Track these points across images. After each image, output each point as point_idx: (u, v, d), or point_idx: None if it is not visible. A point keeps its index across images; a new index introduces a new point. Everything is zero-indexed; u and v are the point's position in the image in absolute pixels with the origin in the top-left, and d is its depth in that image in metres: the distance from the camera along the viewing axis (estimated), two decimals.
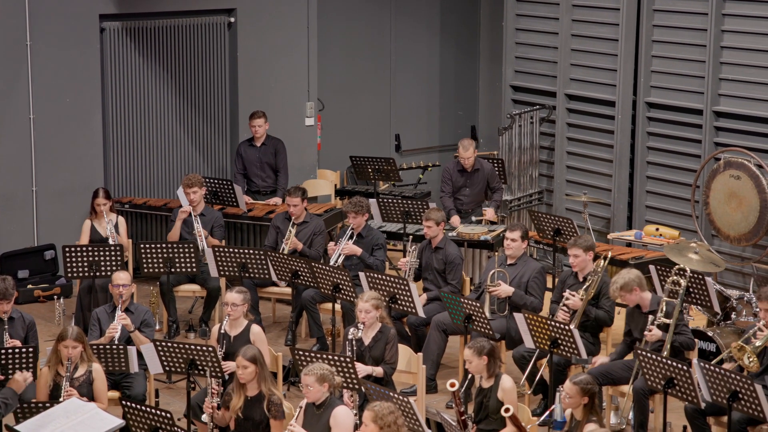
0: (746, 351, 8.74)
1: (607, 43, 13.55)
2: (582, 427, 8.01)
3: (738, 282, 12.54)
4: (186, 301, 12.49)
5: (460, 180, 13.08)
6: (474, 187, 13.06)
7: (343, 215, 12.57)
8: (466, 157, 12.92)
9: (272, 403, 8.50)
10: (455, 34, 15.96)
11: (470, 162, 12.95)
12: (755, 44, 12.32)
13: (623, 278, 9.50)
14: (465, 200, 13.09)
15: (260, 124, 13.32)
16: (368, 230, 11.47)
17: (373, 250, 11.39)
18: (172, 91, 13.76)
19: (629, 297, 9.49)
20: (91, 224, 11.87)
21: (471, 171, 13.03)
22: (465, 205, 13.07)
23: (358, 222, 11.37)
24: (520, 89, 14.59)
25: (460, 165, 13.04)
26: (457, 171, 13.09)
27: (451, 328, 10.46)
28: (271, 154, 13.42)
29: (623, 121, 13.44)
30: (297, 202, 11.67)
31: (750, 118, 12.42)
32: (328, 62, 14.91)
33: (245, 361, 8.52)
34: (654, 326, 9.32)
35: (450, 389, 8.44)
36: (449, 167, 13.19)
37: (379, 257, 11.38)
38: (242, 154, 13.45)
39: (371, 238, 11.43)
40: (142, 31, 13.45)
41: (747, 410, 8.25)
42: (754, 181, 12.03)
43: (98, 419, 8.11)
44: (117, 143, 13.49)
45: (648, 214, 13.42)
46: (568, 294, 10.03)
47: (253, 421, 8.56)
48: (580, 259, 10.15)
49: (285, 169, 13.47)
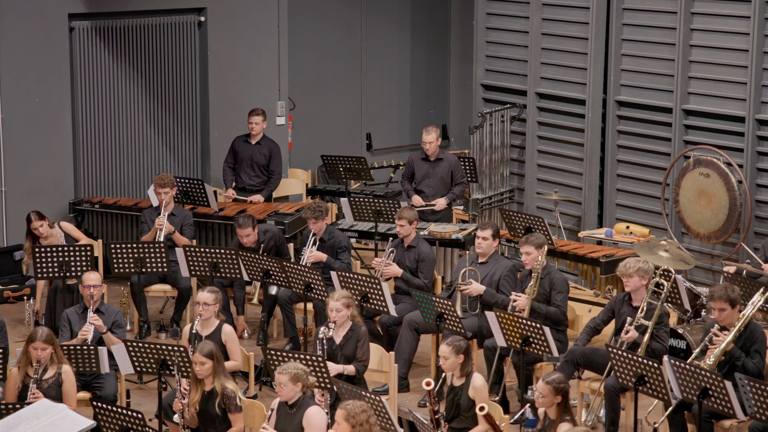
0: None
1: (577, 42, 13.60)
2: (556, 427, 8.03)
3: (708, 279, 12.61)
4: (157, 301, 12.45)
5: (422, 168, 13.05)
6: (436, 177, 13.01)
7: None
8: (428, 142, 12.87)
9: (226, 396, 8.58)
10: (426, 33, 15.97)
11: (433, 148, 12.90)
12: (724, 43, 12.39)
13: (643, 263, 9.49)
14: (428, 191, 13.03)
15: (258, 122, 13.29)
16: (330, 233, 11.42)
17: (338, 253, 11.35)
18: (142, 91, 13.71)
19: (632, 281, 9.47)
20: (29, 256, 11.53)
21: (434, 160, 13.00)
22: (428, 198, 13.02)
23: (319, 227, 11.31)
24: (491, 88, 14.62)
25: (423, 154, 13.03)
26: (420, 159, 13.08)
27: (423, 327, 10.47)
28: (264, 155, 13.38)
29: (593, 119, 13.49)
30: (249, 233, 11.52)
31: (719, 117, 12.49)
32: (299, 61, 14.90)
33: (202, 357, 8.60)
34: (632, 327, 9.33)
35: (426, 388, 8.45)
36: (412, 156, 13.20)
37: (344, 260, 11.36)
38: (235, 149, 13.42)
39: (334, 241, 11.39)
40: (112, 30, 13.40)
41: (717, 406, 8.30)
42: (724, 179, 12.10)
43: (69, 420, 8.07)
44: (87, 143, 13.43)
45: (618, 212, 13.48)
46: (514, 296, 10.07)
47: (210, 415, 8.63)
48: (532, 256, 10.17)
49: (278, 173, 13.44)
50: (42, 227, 11.54)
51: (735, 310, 8.88)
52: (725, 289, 8.90)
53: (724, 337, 8.79)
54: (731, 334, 8.78)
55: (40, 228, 11.53)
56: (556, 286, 10.11)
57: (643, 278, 9.50)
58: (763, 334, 8.96)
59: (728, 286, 8.98)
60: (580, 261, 11.72)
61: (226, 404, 8.58)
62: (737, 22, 12.24)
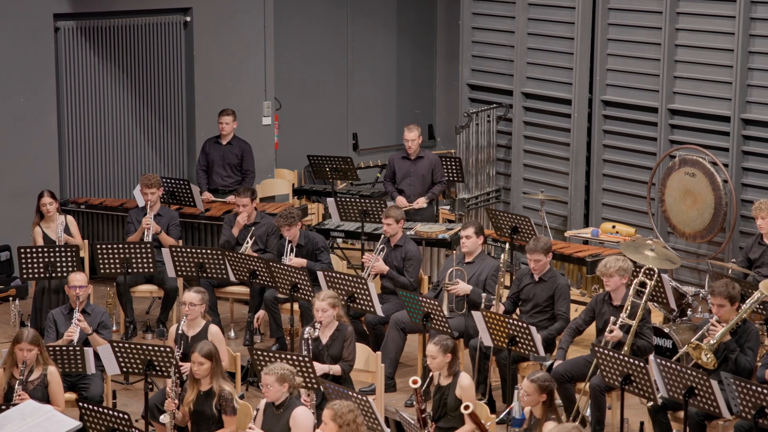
0: (702, 349, 8.80)
1: (563, 42, 13.62)
2: (542, 425, 8.04)
3: (693, 279, 12.64)
4: (143, 302, 12.42)
5: (403, 167, 13.05)
6: (417, 175, 13.00)
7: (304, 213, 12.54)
8: (410, 139, 12.88)
9: (223, 398, 8.58)
10: (412, 33, 15.98)
11: (414, 146, 12.91)
12: (709, 42, 12.42)
13: (623, 261, 9.50)
14: (409, 190, 13.03)
15: (228, 122, 13.28)
16: (306, 237, 11.38)
17: (316, 255, 11.33)
18: (127, 91, 13.69)
19: (612, 280, 9.48)
20: (41, 231, 11.69)
21: (415, 159, 13.00)
22: (410, 197, 13.01)
23: (293, 233, 11.26)
24: (477, 88, 14.63)
25: (404, 152, 13.03)
26: (401, 158, 13.08)
27: (410, 327, 10.47)
28: (235, 155, 13.37)
29: (579, 119, 13.50)
30: (246, 203, 11.62)
31: (704, 116, 12.52)
32: (285, 61, 14.89)
33: (201, 358, 8.59)
34: (616, 327, 9.34)
35: (413, 386, 8.45)
36: (393, 156, 13.19)
37: (324, 260, 11.33)
38: (206, 151, 13.41)
39: (311, 244, 11.35)
40: (97, 30, 13.37)
41: (703, 406, 8.32)
42: (709, 179, 12.12)
43: (55, 421, 8.07)
44: (72, 143, 13.40)
45: (604, 212, 13.50)
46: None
47: (204, 416, 8.63)
48: (542, 263, 10.15)
49: (252, 172, 13.42)
50: (51, 205, 11.58)
51: (733, 307, 8.93)
52: (726, 286, 8.95)
53: (722, 327, 8.85)
54: (728, 325, 8.83)
55: (49, 205, 11.57)
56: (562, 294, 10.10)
57: (624, 277, 9.52)
58: (757, 333, 9.03)
59: (729, 283, 9.02)
60: (567, 260, 11.73)
61: (222, 406, 8.56)
62: (722, 21, 12.27)
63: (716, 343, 8.81)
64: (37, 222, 11.71)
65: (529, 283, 10.21)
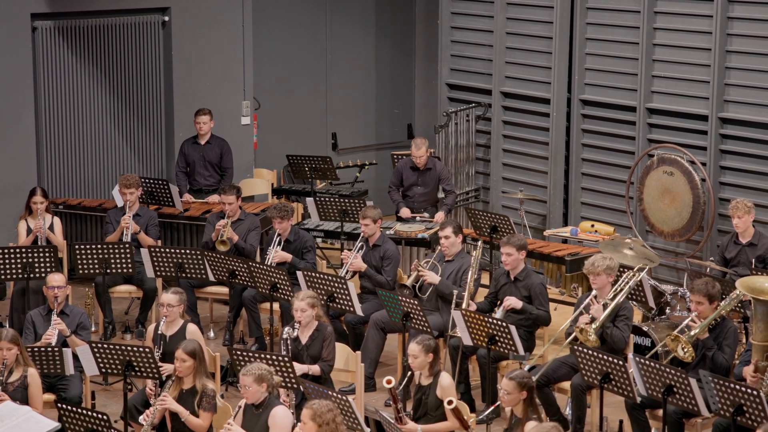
0: (681, 341, 8.83)
1: (541, 41, 13.64)
2: (523, 425, 8.00)
3: (672, 277, 12.68)
4: (122, 302, 12.39)
5: (411, 177, 13.11)
6: (426, 186, 13.09)
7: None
8: (418, 156, 12.98)
9: (206, 395, 8.57)
10: (391, 32, 15.98)
11: (423, 161, 13.00)
12: (687, 42, 12.46)
13: (610, 260, 9.54)
14: (416, 198, 13.11)
15: (205, 121, 13.26)
16: (296, 234, 11.39)
17: (303, 253, 11.33)
18: (106, 91, 13.64)
19: (599, 279, 9.49)
20: (26, 225, 11.73)
21: (423, 169, 13.07)
22: (417, 204, 13.08)
23: (284, 227, 11.28)
24: (456, 87, 14.64)
25: (412, 162, 13.08)
26: (409, 168, 13.13)
27: (389, 326, 10.47)
28: (215, 154, 13.35)
29: (558, 118, 13.53)
30: (232, 200, 11.64)
31: (682, 115, 12.56)
32: (264, 61, 14.87)
33: (184, 355, 8.59)
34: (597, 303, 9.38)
35: (386, 386, 8.45)
36: (401, 163, 13.23)
37: (310, 260, 11.33)
38: (185, 152, 13.38)
39: (299, 241, 11.36)
40: (75, 30, 13.32)
41: (682, 404, 8.35)
42: (687, 177, 12.17)
43: (33, 422, 8.03)
44: (50, 143, 13.35)
45: (583, 211, 13.53)
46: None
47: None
48: (513, 257, 10.18)
49: (231, 170, 13.41)
50: (41, 204, 11.65)
51: (712, 305, 8.96)
52: (706, 284, 8.99)
53: (701, 323, 8.89)
54: (708, 320, 8.87)
55: (39, 204, 11.65)
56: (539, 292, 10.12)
57: (610, 276, 9.56)
58: (735, 331, 9.07)
59: (710, 282, 9.06)
60: (546, 259, 11.75)
61: (203, 402, 8.54)
62: (700, 21, 12.31)
63: (695, 335, 8.84)
64: (24, 216, 11.73)
65: (506, 284, 10.23)
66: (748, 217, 10.84)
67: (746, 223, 10.86)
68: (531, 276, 10.18)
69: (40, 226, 11.64)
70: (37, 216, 11.71)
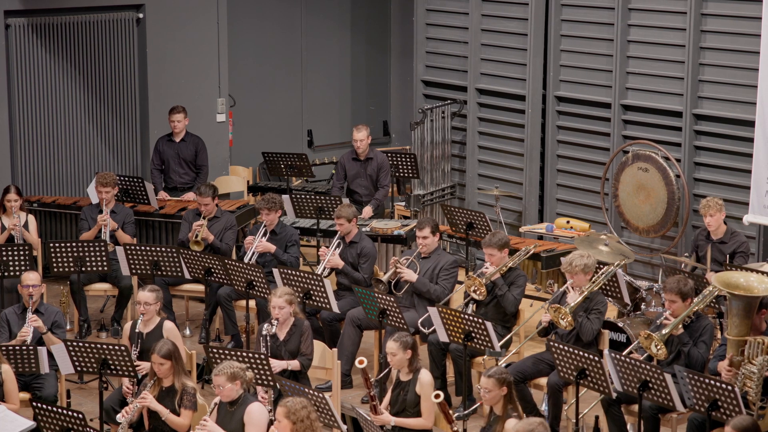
0: (653, 339, 8.87)
1: (516, 38, 13.67)
2: (503, 422, 7.97)
3: (647, 273, 12.73)
4: (97, 300, 12.35)
5: (353, 168, 13.03)
6: (367, 176, 13.00)
7: (256, 212, 12.51)
8: (358, 139, 12.85)
9: (186, 393, 8.55)
10: (366, 29, 15.97)
11: (363, 146, 12.89)
12: (661, 38, 12.51)
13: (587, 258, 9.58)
14: (362, 192, 13.03)
15: (179, 119, 13.22)
16: (281, 227, 11.42)
17: (287, 247, 11.34)
18: (80, 88, 13.59)
19: (577, 278, 9.53)
20: (0, 223, 11.68)
21: (365, 159, 12.99)
22: (364, 197, 13.01)
23: (271, 219, 11.31)
24: (432, 84, 14.65)
25: (354, 153, 13.02)
26: (351, 159, 13.06)
27: (366, 323, 10.47)
28: (190, 152, 13.32)
29: (533, 115, 13.56)
30: (208, 202, 11.63)
31: (657, 111, 12.61)
32: (239, 58, 14.84)
33: (161, 359, 8.55)
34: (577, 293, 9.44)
35: (359, 366, 8.49)
36: (344, 156, 13.16)
37: (293, 254, 11.35)
38: (160, 150, 13.34)
39: (285, 235, 11.38)
40: (49, 27, 13.26)
41: (657, 399, 8.39)
42: (662, 174, 12.21)
43: (8, 421, 8.00)
44: (24, 141, 13.29)
45: (559, 207, 13.57)
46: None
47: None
48: (496, 257, 10.18)
49: (206, 167, 13.38)
50: (15, 202, 11.63)
51: (685, 303, 9.00)
52: (678, 282, 9.02)
53: (673, 320, 8.93)
54: (680, 317, 8.90)
55: (13, 202, 11.62)
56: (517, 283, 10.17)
57: (588, 274, 9.60)
58: (711, 327, 9.11)
59: (682, 279, 9.09)
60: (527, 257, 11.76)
61: (183, 400, 8.52)
62: (674, 17, 12.36)
63: (667, 334, 8.88)
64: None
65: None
66: (719, 215, 10.88)
67: (718, 221, 10.90)
68: (517, 273, 10.21)
69: (16, 224, 11.59)
70: (11, 214, 11.66)
